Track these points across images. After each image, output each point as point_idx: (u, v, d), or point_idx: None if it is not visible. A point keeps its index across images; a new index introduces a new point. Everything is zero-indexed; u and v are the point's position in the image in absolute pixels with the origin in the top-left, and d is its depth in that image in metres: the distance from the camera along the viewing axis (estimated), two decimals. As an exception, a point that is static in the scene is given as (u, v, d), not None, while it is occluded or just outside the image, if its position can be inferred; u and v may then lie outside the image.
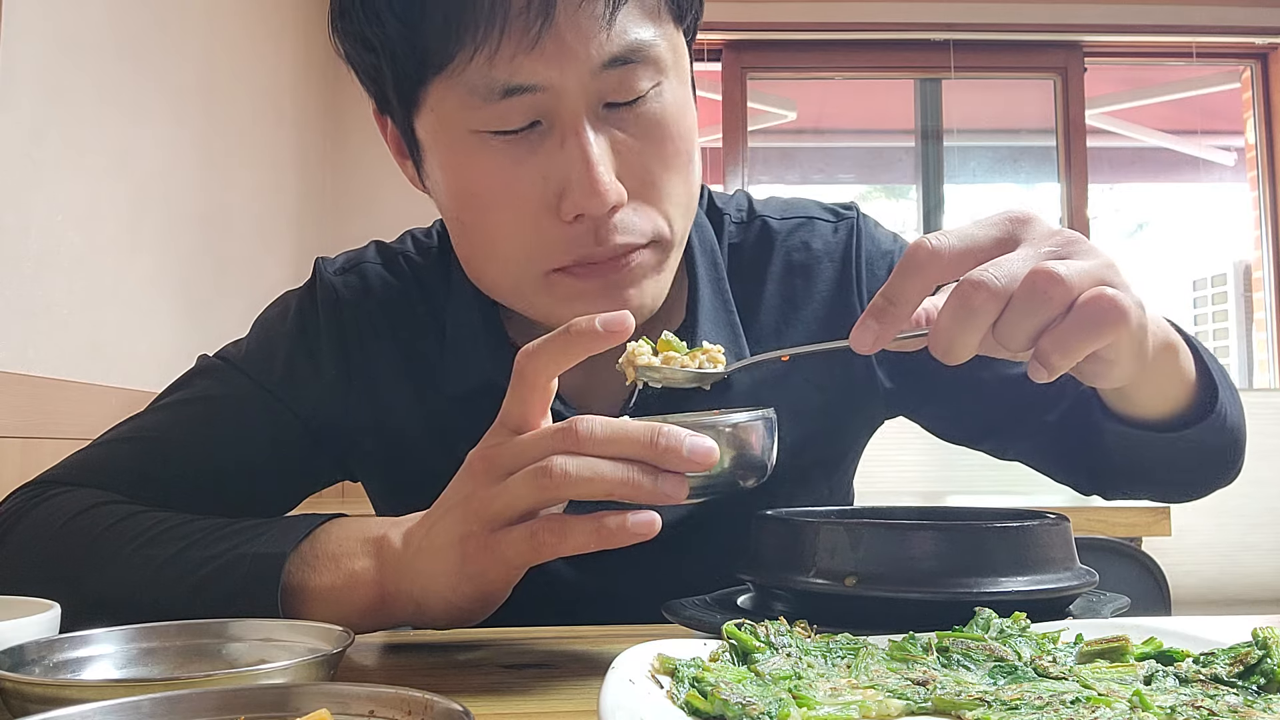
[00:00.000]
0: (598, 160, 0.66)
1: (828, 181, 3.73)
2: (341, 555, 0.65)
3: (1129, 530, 2.01)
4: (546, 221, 0.68)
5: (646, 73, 0.68)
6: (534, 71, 0.65)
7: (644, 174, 0.70)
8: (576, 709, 0.51)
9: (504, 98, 0.65)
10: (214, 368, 0.85)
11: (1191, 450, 0.74)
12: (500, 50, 0.64)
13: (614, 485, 0.53)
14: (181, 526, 0.70)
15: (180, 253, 2.15)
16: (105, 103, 1.83)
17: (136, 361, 1.93)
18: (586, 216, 0.67)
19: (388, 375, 0.83)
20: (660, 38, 0.69)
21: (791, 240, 0.87)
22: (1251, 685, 0.44)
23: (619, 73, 0.67)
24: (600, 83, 0.66)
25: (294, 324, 0.86)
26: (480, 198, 0.70)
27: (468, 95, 0.66)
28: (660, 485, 0.54)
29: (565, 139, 0.67)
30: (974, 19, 3.34)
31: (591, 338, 0.55)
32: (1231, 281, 3.70)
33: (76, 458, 0.82)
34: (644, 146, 0.69)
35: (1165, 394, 0.71)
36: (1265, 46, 3.48)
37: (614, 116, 0.68)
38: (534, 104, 0.66)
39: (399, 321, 0.84)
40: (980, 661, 0.48)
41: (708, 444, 0.54)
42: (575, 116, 0.67)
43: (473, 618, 0.63)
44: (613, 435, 0.54)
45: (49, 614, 0.56)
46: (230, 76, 2.42)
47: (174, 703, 0.41)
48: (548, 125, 0.67)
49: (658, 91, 0.69)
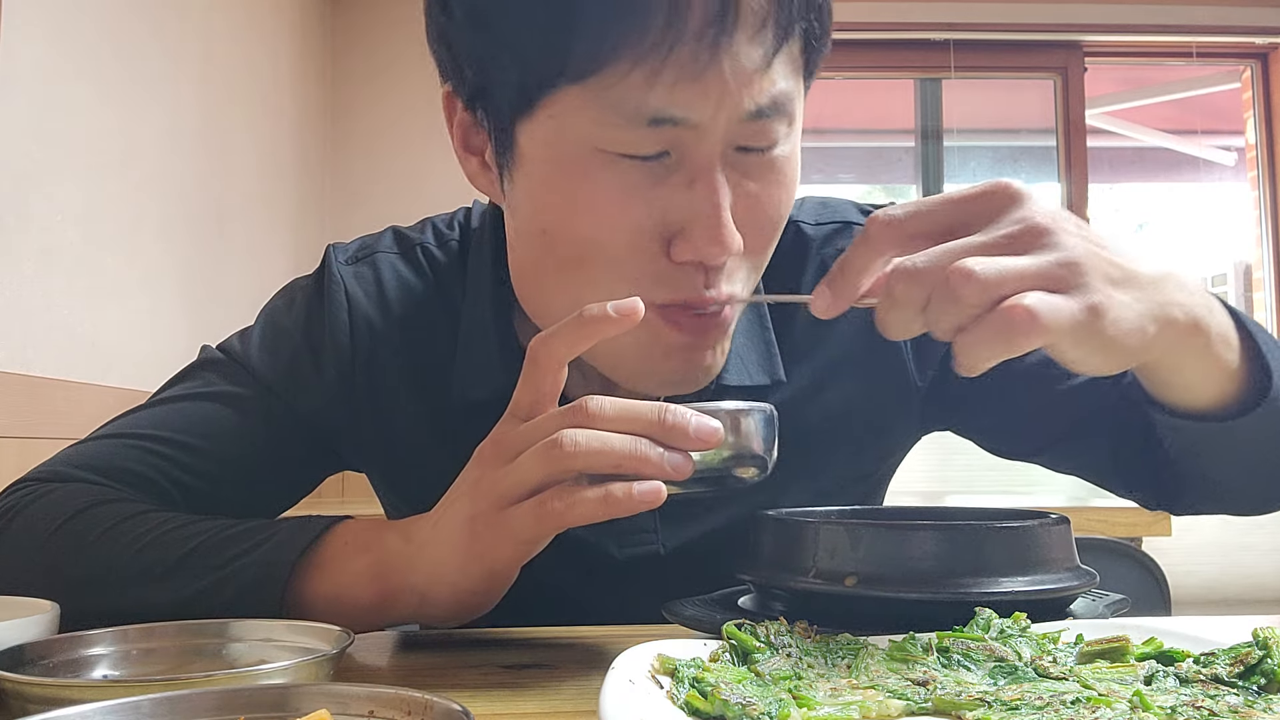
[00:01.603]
0: (725, 207, 0.63)
1: (828, 181, 3.73)
2: (340, 558, 0.65)
3: (1129, 530, 2.01)
4: (653, 256, 0.65)
5: (782, 124, 0.65)
6: (690, 105, 0.60)
7: (760, 224, 0.67)
8: (576, 709, 0.51)
9: (650, 125, 0.61)
10: (216, 361, 0.84)
11: (1250, 445, 0.69)
12: (662, 75, 0.59)
13: (622, 457, 0.54)
14: (181, 529, 0.69)
15: (180, 252, 2.15)
16: (105, 102, 1.83)
17: (136, 361, 1.92)
18: (700, 262, 0.64)
19: (395, 379, 0.81)
20: (797, 90, 0.66)
21: (827, 248, 0.83)
22: (1252, 685, 0.44)
23: (761, 123, 0.63)
24: (743, 129, 0.63)
25: (299, 319, 0.83)
26: (587, 220, 0.64)
27: (606, 112, 0.61)
28: (667, 460, 0.55)
29: (696, 179, 0.63)
30: (974, 19, 3.34)
31: (605, 322, 0.56)
32: (1232, 281, 3.69)
33: (74, 451, 0.80)
34: (765, 196, 0.66)
35: (1201, 380, 0.65)
36: (1265, 46, 3.48)
37: (742, 162, 0.65)
38: (674, 136, 0.62)
39: (410, 324, 0.82)
40: (980, 662, 0.48)
41: (713, 424, 0.55)
42: (711, 158, 0.63)
43: (478, 606, 0.62)
44: (621, 413, 0.55)
45: (49, 614, 0.56)
46: (229, 76, 2.42)
47: (174, 703, 0.41)
48: (677, 159, 0.63)
49: (786, 141, 0.66)
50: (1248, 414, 0.66)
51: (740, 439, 0.58)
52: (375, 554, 0.64)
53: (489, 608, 0.63)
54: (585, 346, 0.57)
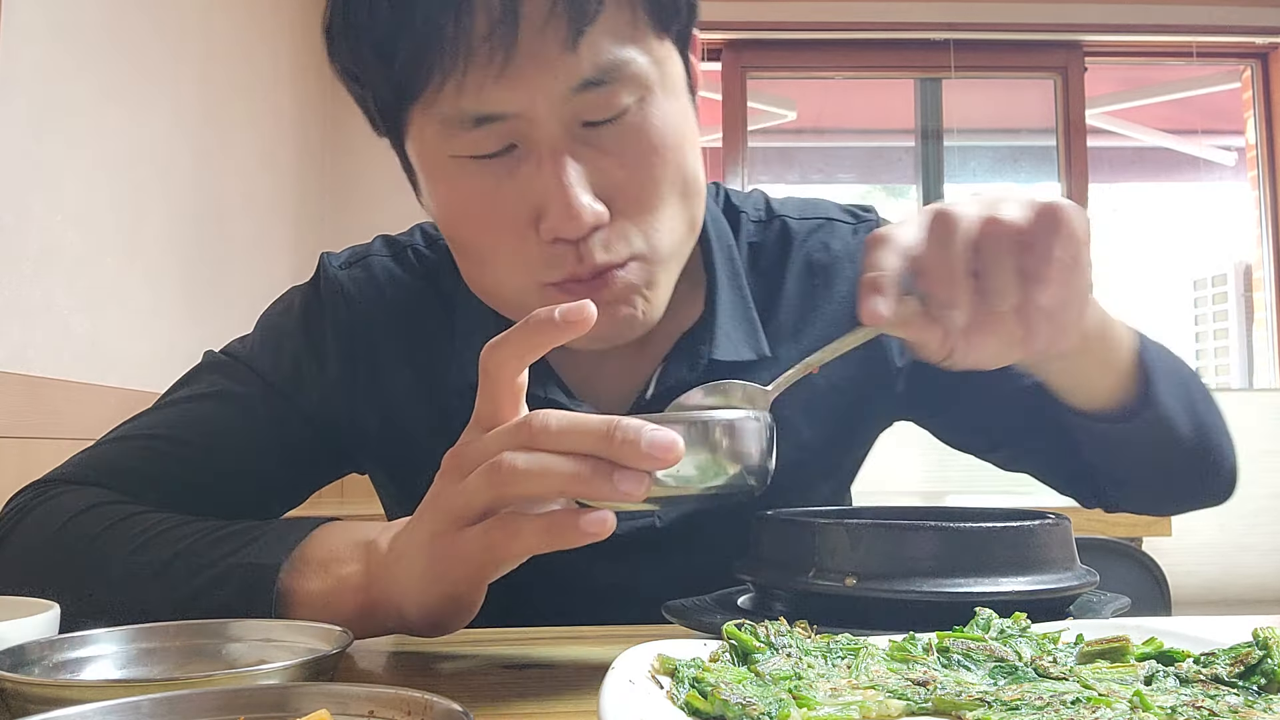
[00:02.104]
0: (572, 184, 0.65)
1: (827, 181, 3.73)
2: (331, 561, 0.64)
3: (1129, 530, 2.01)
4: (530, 241, 0.68)
5: (625, 91, 0.66)
6: (501, 100, 0.64)
7: (627, 191, 0.68)
8: (576, 709, 0.51)
9: (476, 126, 0.66)
10: (220, 364, 0.85)
11: (1141, 445, 0.76)
12: (466, 81, 0.64)
13: (564, 481, 0.51)
14: (176, 529, 0.69)
15: (180, 253, 2.15)
16: (105, 102, 1.84)
17: (136, 361, 1.93)
18: (564, 239, 0.67)
19: (395, 370, 0.83)
20: (640, 54, 0.67)
21: (811, 241, 0.86)
22: (1252, 685, 0.44)
23: (594, 94, 0.65)
24: (574, 105, 0.65)
25: (298, 320, 0.85)
26: (466, 219, 0.70)
27: (442, 124, 0.67)
28: (617, 482, 0.50)
29: (542, 163, 0.66)
30: (974, 19, 3.34)
31: (551, 328, 0.53)
32: (1231, 281, 3.70)
33: (82, 456, 0.81)
34: (627, 163, 0.68)
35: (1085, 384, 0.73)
36: (1265, 46, 3.48)
37: (593, 135, 0.67)
38: (507, 130, 0.66)
39: (406, 315, 0.84)
40: (980, 662, 0.48)
41: (669, 437, 0.50)
42: (550, 140, 0.66)
43: (448, 624, 0.61)
44: (567, 428, 0.51)
45: (49, 614, 0.56)
46: (229, 76, 2.42)
47: (174, 703, 0.41)
48: (524, 149, 0.67)
49: (640, 105, 0.68)
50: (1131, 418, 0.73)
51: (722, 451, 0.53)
52: (362, 565, 0.63)
53: (463, 623, 0.62)
54: (535, 354, 0.54)
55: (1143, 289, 3.97)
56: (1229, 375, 3.70)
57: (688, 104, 0.73)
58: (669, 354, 0.80)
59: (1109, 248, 3.74)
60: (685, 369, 0.78)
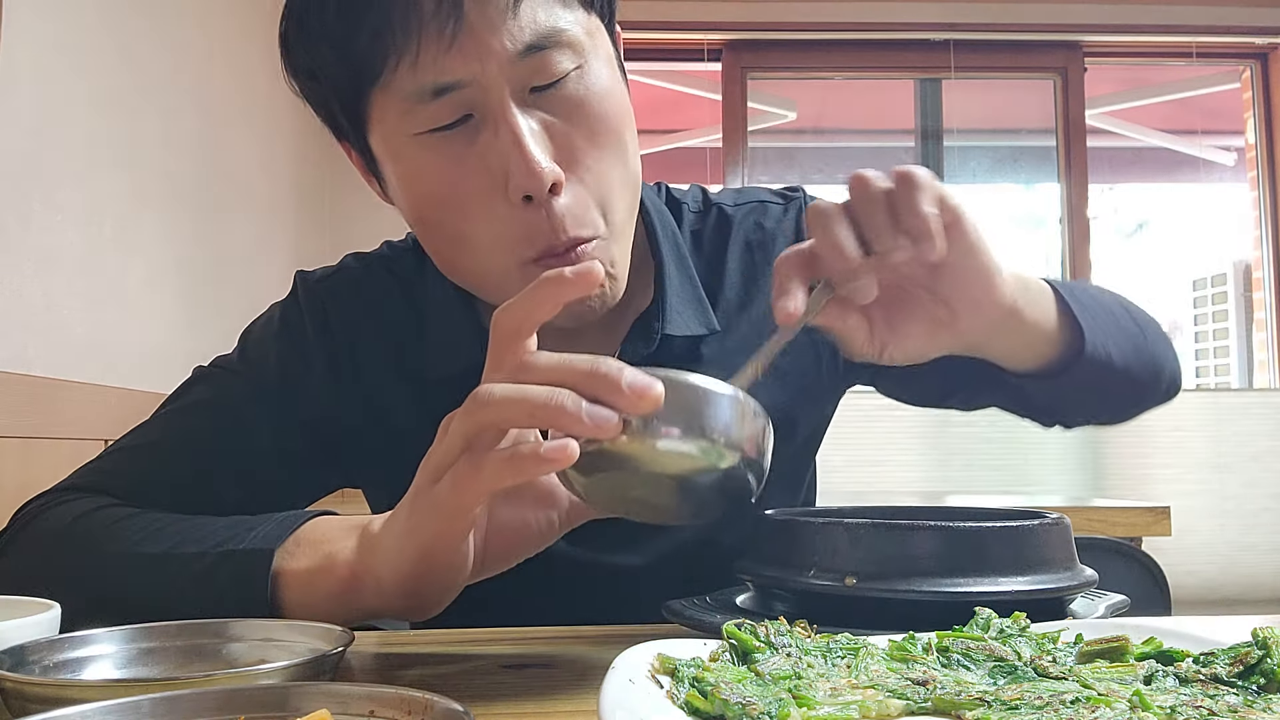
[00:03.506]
0: (528, 139, 0.69)
1: (828, 181, 3.73)
2: (323, 541, 0.65)
3: (1129, 530, 2.01)
4: (502, 209, 0.71)
5: (564, 56, 0.71)
6: (454, 69, 0.68)
7: (575, 154, 0.72)
8: (576, 709, 0.51)
9: (434, 98, 0.69)
10: (209, 375, 0.88)
11: (1082, 389, 0.79)
12: (421, 55, 0.68)
13: (536, 406, 0.51)
14: (174, 525, 0.71)
15: (180, 253, 2.15)
16: (105, 102, 1.84)
17: (136, 361, 1.92)
18: (535, 199, 0.70)
19: (377, 368, 0.86)
20: (573, 23, 0.72)
21: (746, 222, 0.92)
22: (1251, 685, 0.44)
23: (536, 59, 0.70)
24: (520, 70, 0.70)
25: (280, 327, 0.89)
26: (436, 196, 0.73)
27: (402, 102, 0.70)
28: (587, 409, 0.50)
29: (497, 127, 0.70)
30: (974, 19, 3.34)
31: (561, 284, 0.54)
32: (1231, 281, 3.70)
33: (88, 466, 0.84)
34: (571, 127, 0.72)
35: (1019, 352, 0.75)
36: (1265, 46, 3.48)
37: (540, 100, 0.71)
38: (462, 99, 0.70)
39: (381, 315, 0.87)
40: (980, 661, 0.48)
41: (647, 380, 0.50)
42: (501, 104, 0.70)
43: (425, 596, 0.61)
44: (555, 365, 0.53)
45: (49, 614, 0.56)
46: (229, 76, 2.42)
47: (174, 703, 0.41)
48: (480, 118, 0.71)
49: (579, 74, 0.72)
50: (1067, 371, 0.76)
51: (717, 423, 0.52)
52: (349, 542, 0.64)
53: (442, 600, 0.62)
54: (545, 314, 0.55)
55: (1143, 289, 3.97)
56: (1228, 375, 3.70)
57: (620, 80, 0.78)
58: (627, 335, 0.84)
59: (1109, 248, 3.74)
60: (642, 345, 0.82)
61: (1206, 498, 3.07)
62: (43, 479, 0.85)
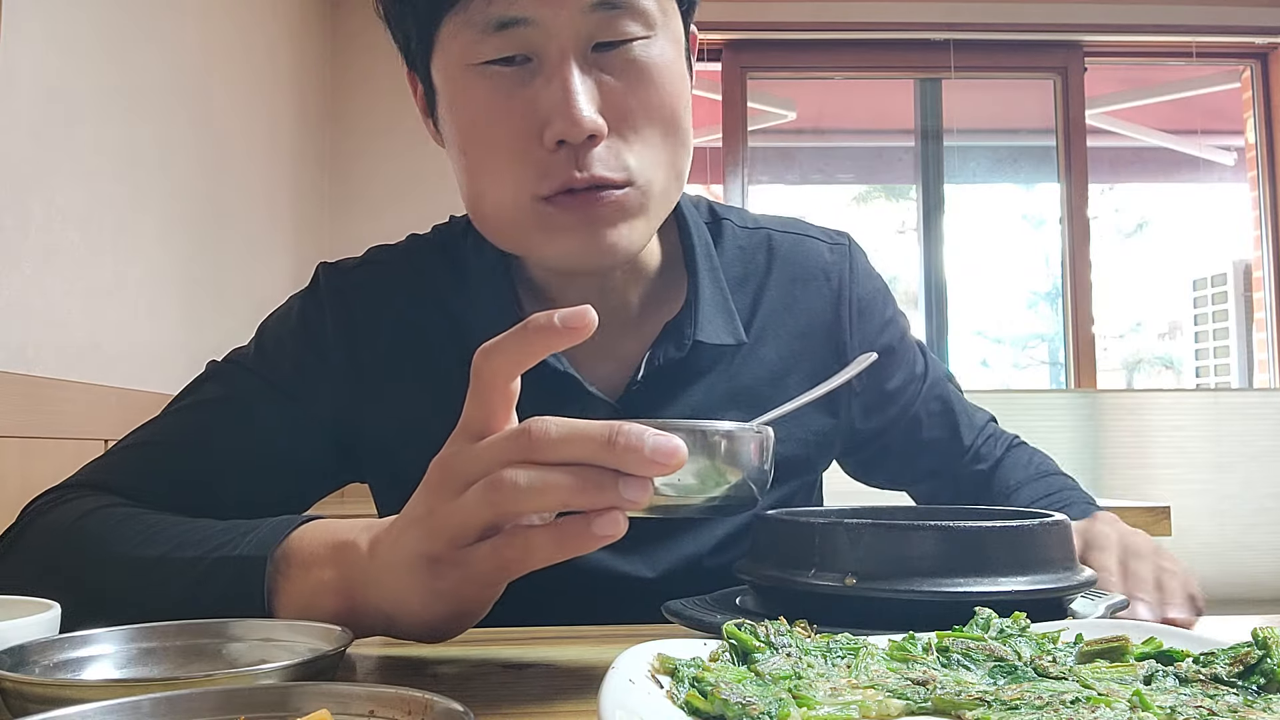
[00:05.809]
0: (578, 92, 0.71)
1: (827, 181, 3.73)
2: (311, 563, 0.63)
3: (1129, 530, 2.00)
4: (533, 148, 0.72)
5: (634, 22, 0.73)
6: (525, 6, 0.71)
7: (625, 115, 0.73)
8: (576, 709, 0.51)
9: (499, 30, 0.71)
10: (223, 371, 0.86)
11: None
12: None
13: (569, 495, 0.49)
14: (173, 528, 0.70)
15: (180, 253, 2.15)
16: (105, 102, 1.83)
17: (136, 361, 1.92)
18: (567, 144, 0.71)
19: (397, 360, 0.85)
20: None
21: (792, 253, 0.94)
22: (1251, 685, 0.44)
23: (607, 16, 0.72)
24: (588, 22, 0.71)
25: (298, 321, 0.87)
26: (477, 126, 0.75)
27: (470, 30, 0.72)
28: (622, 490, 0.49)
29: (552, 74, 0.72)
30: (974, 19, 3.33)
31: (550, 333, 0.51)
32: (1231, 281, 3.70)
33: (94, 464, 0.83)
34: (628, 90, 0.73)
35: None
36: (1265, 46, 3.48)
37: (602, 59, 0.73)
38: (526, 38, 0.72)
39: (406, 300, 0.87)
40: (980, 661, 0.48)
41: (673, 443, 0.49)
42: (562, 53, 0.71)
43: (449, 634, 0.60)
44: (568, 436, 0.50)
45: (49, 614, 0.56)
46: (229, 76, 2.42)
47: (174, 703, 0.41)
48: (538, 62, 0.72)
49: (645, 44, 0.74)
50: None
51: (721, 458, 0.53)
52: (340, 569, 0.61)
53: (462, 632, 0.61)
54: (531, 361, 0.52)
55: (1143, 289, 3.97)
56: (1228, 375, 3.70)
57: (684, 67, 0.79)
58: (656, 338, 0.84)
59: (1109, 247, 3.74)
60: (672, 349, 0.83)
61: (1206, 498, 3.06)
62: (43, 479, 0.84)
